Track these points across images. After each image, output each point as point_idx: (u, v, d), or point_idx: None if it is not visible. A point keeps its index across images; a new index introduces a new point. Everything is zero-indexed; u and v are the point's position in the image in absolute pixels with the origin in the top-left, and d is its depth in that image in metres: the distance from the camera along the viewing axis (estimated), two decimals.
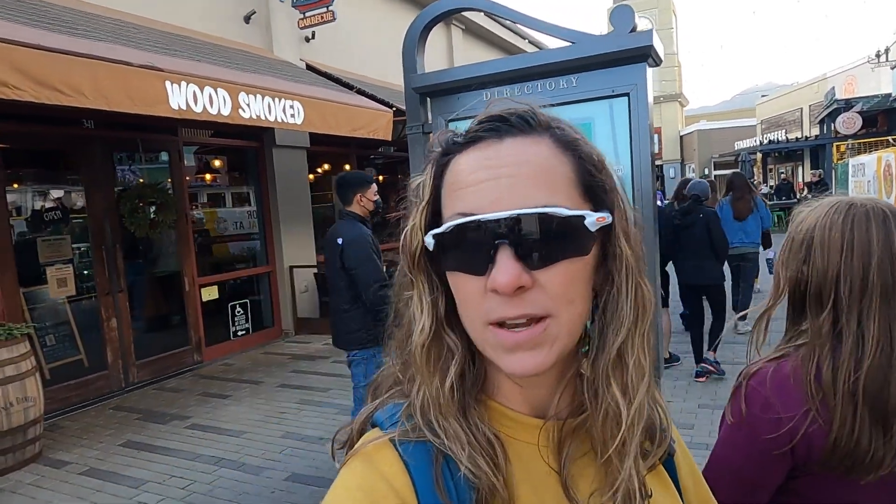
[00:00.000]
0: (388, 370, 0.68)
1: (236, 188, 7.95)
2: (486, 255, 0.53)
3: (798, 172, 24.86)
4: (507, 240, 0.52)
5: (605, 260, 0.59)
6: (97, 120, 5.65)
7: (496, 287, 0.52)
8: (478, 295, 0.54)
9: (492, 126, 0.57)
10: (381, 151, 10.11)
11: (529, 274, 0.53)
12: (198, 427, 4.77)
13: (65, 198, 5.78)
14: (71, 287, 5.52)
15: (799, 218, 1.17)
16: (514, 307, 0.53)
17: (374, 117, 6.59)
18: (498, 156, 0.55)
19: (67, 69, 3.69)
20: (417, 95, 2.23)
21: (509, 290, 0.52)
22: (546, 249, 0.53)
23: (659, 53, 1.90)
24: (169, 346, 6.45)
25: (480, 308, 0.54)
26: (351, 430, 0.64)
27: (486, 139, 0.57)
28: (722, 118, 37.03)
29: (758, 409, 1.08)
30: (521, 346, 0.54)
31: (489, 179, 0.54)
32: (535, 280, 0.53)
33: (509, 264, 0.52)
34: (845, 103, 18.07)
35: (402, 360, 0.63)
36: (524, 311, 0.53)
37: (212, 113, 4.64)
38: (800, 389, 1.04)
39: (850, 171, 12.43)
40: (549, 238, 0.53)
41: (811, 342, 1.07)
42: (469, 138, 0.58)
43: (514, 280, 0.51)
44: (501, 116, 0.58)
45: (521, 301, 0.53)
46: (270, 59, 7.22)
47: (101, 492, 3.74)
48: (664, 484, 0.68)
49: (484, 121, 0.58)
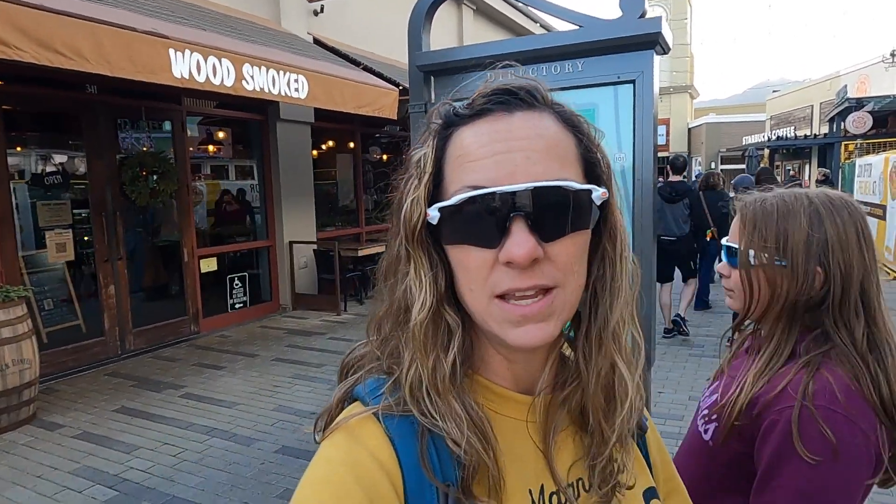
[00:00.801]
0: (360, 349, 0.67)
1: (239, 161, 7.92)
2: (500, 228, 0.53)
3: (805, 170, 24.70)
4: (523, 212, 0.52)
5: (600, 234, 0.60)
6: (100, 85, 5.61)
7: (512, 258, 0.52)
8: (485, 268, 0.54)
9: (501, 99, 0.57)
10: (387, 130, 10.04)
11: (542, 246, 0.53)
12: (191, 396, 4.81)
13: (66, 163, 5.76)
14: (70, 252, 5.53)
15: (764, 209, 1.06)
16: (527, 279, 0.53)
17: (380, 95, 6.53)
18: (510, 129, 0.55)
19: (70, 31, 3.64)
20: (421, 74, 2.20)
21: (526, 261, 0.52)
22: (559, 222, 0.54)
23: (668, 41, 1.87)
24: (166, 315, 6.48)
25: (487, 281, 0.54)
26: (330, 406, 0.63)
27: (494, 112, 0.57)
28: (732, 112, 36.72)
29: (846, 433, 0.89)
30: (530, 319, 0.54)
31: (503, 152, 0.54)
32: (546, 252, 0.54)
33: (525, 237, 0.52)
34: (857, 102, 17.88)
35: (382, 336, 0.63)
36: (535, 283, 0.53)
37: (215, 83, 4.59)
38: (866, 402, 0.92)
39: (857, 170, 12.35)
40: (561, 211, 0.54)
41: (853, 351, 0.96)
42: (477, 110, 0.57)
43: (530, 252, 0.52)
44: (510, 90, 0.57)
45: (532, 273, 0.53)
46: (277, 31, 7.13)
47: (93, 455, 3.78)
48: (636, 459, 0.70)
49: (491, 93, 0.57)
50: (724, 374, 1.18)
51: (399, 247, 0.59)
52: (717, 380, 1.21)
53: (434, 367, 0.57)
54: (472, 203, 0.53)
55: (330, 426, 0.58)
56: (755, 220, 1.07)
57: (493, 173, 0.54)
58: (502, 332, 0.55)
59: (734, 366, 1.17)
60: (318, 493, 0.52)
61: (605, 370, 0.60)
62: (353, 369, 0.66)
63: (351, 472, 0.53)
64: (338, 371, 0.68)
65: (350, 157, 9.59)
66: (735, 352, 1.22)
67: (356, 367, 0.66)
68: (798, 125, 25.71)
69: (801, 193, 1.07)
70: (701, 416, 1.16)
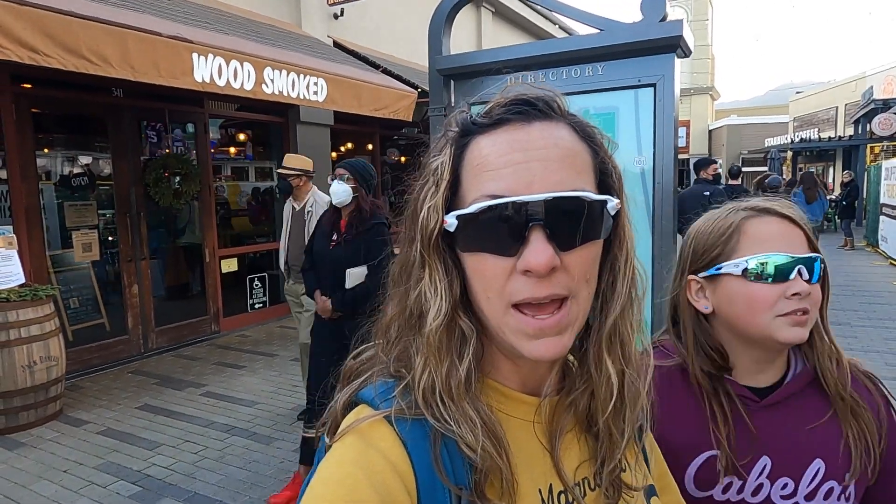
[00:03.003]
0: (365, 352, 0.67)
1: (260, 162, 8.01)
2: (518, 237, 0.54)
3: (829, 173, 24.26)
4: (542, 221, 0.53)
5: (611, 243, 0.61)
6: (126, 89, 5.72)
7: (531, 267, 0.53)
8: (502, 276, 0.55)
9: (519, 109, 0.58)
10: (405, 132, 10.09)
11: (559, 255, 0.54)
12: (212, 395, 4.88)
13: (92, 164, 5.88)
14: (95, 252, 5.64)
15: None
16: (543, 287, 0.54)
17: (398, 98, 6.56)
18: (529, 139, 0.56)
19: (96, 37, 3.72)
20: (441, 77, 2.22)
21: (545, 269, 0.53)
22: (575, 232, 0.55)
23: (689, 44, 1.86)
24: (188, 314, 6.58)
25: (504, 290, 0.55)
26: (334, 409, 0.63)
27: (513, 122, 0.58)
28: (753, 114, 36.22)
29: None
30: (546, 332, 0.55)
31: (522, 162, 0.55)
32: (562, 261, 0.55)
33: (543, 246, 0.53)
34: (883, 104, 17.52)
35: (390, 339, 0.63)
36: (551, 292, 0.54)
37: (235, 87, 4.66)
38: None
39: (883, 173, 12.10)
40: (578, 221, 0.55)
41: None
42: (494, 120, 0.58)
43: (549, 260, 0.53)
44: (528, 100, 0.58)
45: (549, 282, 0.54)
46: (298, 34, 7.21)
47: (117, 451, 3.86)
48: (636, 458, 0.71)
49: (509, 104, 0.58)
50: (756, 445, 0.97)
51: (414, 252, 0.60)
52: (748, 460, 0.97)
53: (448, 374, 0.57)
54: (491, 212, 0.54)
55: (341, 429, 0.58)
56: (812, 228, 0.99)
57: (511, 183, 0.54)
58: (518, 343, 0.56)
59: (758, 429, 0.98)
60: (331, 494, 0.52)
61: (615, 375, 0.60)
62: (357, 372, 0.66)
63: (364, 473, 0.53)
64: (341, 375, 0.68)
65: (369, 158, 9.65)
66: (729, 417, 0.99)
67: (360, 371, 0.66)
68: (822, 127, 25.26)
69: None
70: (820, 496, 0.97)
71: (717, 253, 1.00)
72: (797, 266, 0.91)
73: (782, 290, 0.92)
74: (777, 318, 0.93)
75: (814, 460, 0.96)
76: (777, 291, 0.92)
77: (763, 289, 0.93)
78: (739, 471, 0.97)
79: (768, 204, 0.98)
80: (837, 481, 0.95)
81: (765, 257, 0.93)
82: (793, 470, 0.97)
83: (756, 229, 0.96)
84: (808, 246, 0.95)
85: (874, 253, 12.42)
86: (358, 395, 0.61)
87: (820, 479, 0.96)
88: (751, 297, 0.95)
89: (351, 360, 0.68)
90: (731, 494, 0.98)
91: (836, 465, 0.96)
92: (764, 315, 0.94)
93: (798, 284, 0.91)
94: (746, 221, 0.98)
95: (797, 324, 0.92)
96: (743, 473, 0.98)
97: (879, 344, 5.95)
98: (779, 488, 0.97)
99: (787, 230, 0.95)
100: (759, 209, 0.98)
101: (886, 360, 5.41)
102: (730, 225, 0.99)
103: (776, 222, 0.96)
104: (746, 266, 0.94)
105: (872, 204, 13.22)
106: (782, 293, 0.92)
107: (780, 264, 0.92)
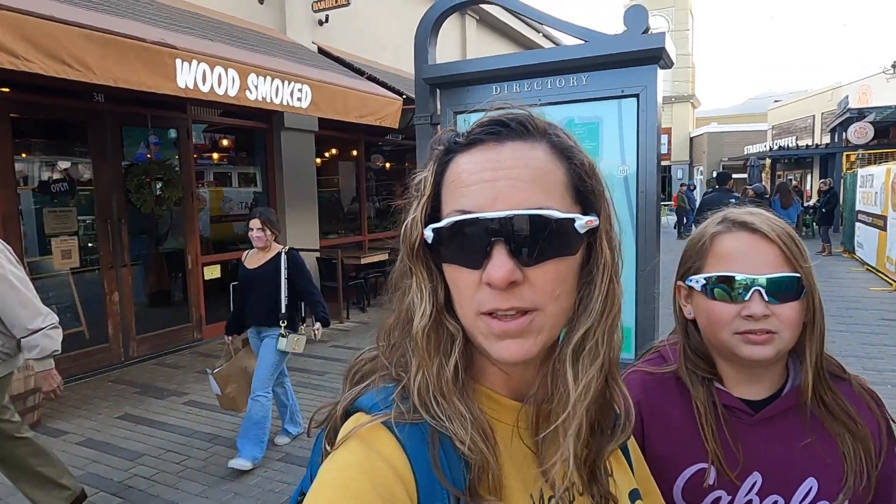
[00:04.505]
0: (366, 355, 0.70)
1: (243, 168, 7.96)
2: (482, 251, 0.57)
3: (807, 180, 24.72)
4: (503, 237, 0.56)
5: (589, 259, 0.63)
6: (107, 94, 5.66)
7: (490, 281, 0.56)
8: (472, 287, 0.58)
9: (492, 130, 0.61)
10: (390, 139, 10.09)
11: (521, 270, 0.57)
12: (195, 404, 4.82)
13: (72, 170, 5.80)
14: (75, 259, 5.56)
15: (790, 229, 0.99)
16: (505, 300, 0.57)
17: (383, 105, 6.57)
18: (499, 158, 0.59)
19: (78, 43, 3.68)
20: (428, 86, 2.23)
21: (503, 284, 0.55)
22: (537, 248, 0.57)
23: (671, 55, 1.90)
24: (169, 322, 6.50)
25: (474, 299, 0.58)
26: (333, 412, 0.65)
27: (486, 142, 0.61)
28: (733, 121, 36.81)
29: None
30: (509, 335, 0.57)
31: (489, 181, 0.58)
32: (525, 276, 0.57)
33: (503, 260, 0.56)
34: (858, 113, 17.93)
35: (391, 344, 0.66)
36: (513, 304, 0.57)
37: (218, 93, 4.64)
38: None
39: (859, 181, 12.38)
40: (540, 237, 0.57)
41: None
42: (470, 140, 0.62)
43: (507, 275, 0.55)
44: (502, 121, 0.61)
45: (511, 295, 0.57)
46: (283, 40, 7.20)
47: (97, 462, 3.79)
48: (620, 464, 0.74)
49: (485, 124, 0.62)
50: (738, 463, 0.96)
51: (403, 262, 0.64)
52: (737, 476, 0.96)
53: (438, 371, 0.60)
54: (459, 226, 0.58)
55: (341, 435, 0.60)
56: (795, 241, 0.94)
57: (479, 199, 0.58)
58: (487, 345, 0.59)
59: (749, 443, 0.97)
60: (336, 497, 0.53)
61: (581, 388, 0.60)
62: (359, 375, 0.68)
63: (367, 477, 0.54)
64: (343, 377, 0.70)
65: (353, 165, 9.63)
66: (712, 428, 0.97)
67: (363, 374, 0.68)
68: (799, 135, 25.75)
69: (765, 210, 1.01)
70: None
71: (690, 265, 1.01)
72: (754, 288, 0.90)
73: (738, 310, 0.91)
74: (735, 335, 0.93)
75: (806, 478, 0.95)
76: (734, 310, 0.92)
77: (720, 306, 0.93)
78: (729, 485, 0.96)
79: (745, 218, 0.95)
80: (829, 501, 0.93)
81: (724, 275, 0.93)
82: (784, 487, 0.95)
83: (722, 246, 0.95)
84: (785, 263, 0.91)
85: (851, 259, 12.68)
86: (356, 402, 0.63)
87: (812, 498, 0.94)
88: (710, 313, 0.95)
89: (353, 362, 0.70)
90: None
91: (829, 484, 0.94)
92: (723, 332, 0.94)
93: (753, 306, 0.90)
94: (716, 237, 0.97)
95: (754, 343, 0.91)
96: (732, 488, 0.96)
97: (857, 349, 6.07)
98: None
99: (755, 247, 0.92)
100: (735, 223, 0.96)
101: (864, 364, 5.52)
102: (702, 238, 1.00)
103: (746, 238, 0.94)
104: (705, 283, 0.95)
105: (849, 211, 13.51)
106: (738, 312, 0.91)
107: (737, 284, 0.91)
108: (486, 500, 0.57)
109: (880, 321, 7.18)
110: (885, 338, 6.43)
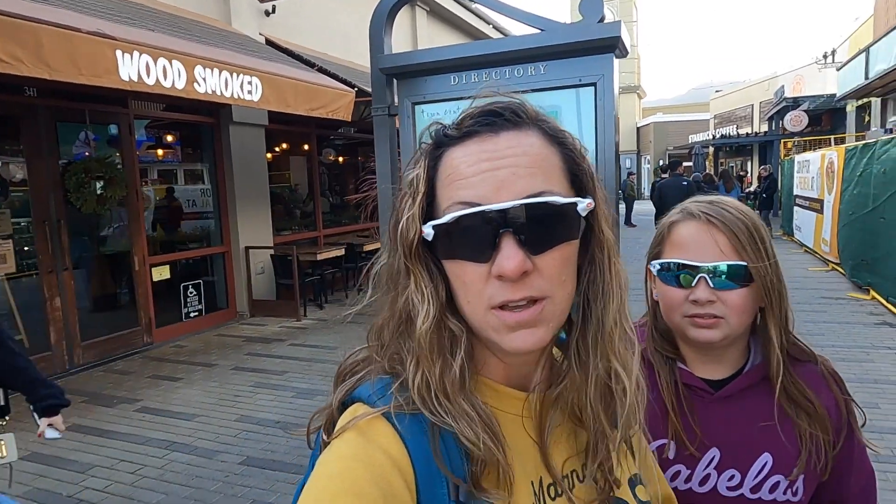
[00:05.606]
0: (357, 354, 0.69)
1: (190, 165, 7.69)
2: (490, 243, 0.56)
3: (748, 167, 25.77)
4: (511, 228, 0.56)
5: (589, 242, 0.63)
6: (40, 88, 5.35)
7: (502, 273, 0.55)
8: (480, 281, 0.57)
9: (487, 120, 0.60)
10: (342, 132, 9.94)
11: (531, 259, 0.56)
12: (148, 410, 4.64)
13: (3, 169, 5.47)
14: (11, 264, 5.25)
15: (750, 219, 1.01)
16: (517, 290, 0.56)
17: (335, 97, 6.45)
18: (496, 148, 0.59)
19: (6, 33, 3.45)
20: (384, 76, 2.19)
21: (516, 275, 0.55)
22: (545, 235, 0.57)
23: (626, 44, 1.92)
24: (117, 326, 6.23)
25: (483, 294, 0.57)
26: (330, 409, 0.63)
27: (481, 133, 0.60)
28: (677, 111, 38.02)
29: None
30: (522, 325, 0.57)
31: (490, 170, 0.58)
32: (534, 264, 0.57)
33: (514, 251, 0.55)
34: (793, 102, 18.80)
35: (382, 343, 0.65)
36: (525, 294, 0.56)
37: (165, 86, 4.44)
38: None
39: (796, 167, 12.97)
40: (547, 225, 0.57)
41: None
42: (465, 132, 0.61)
43: (520, 265, 0.55)
44: (495, 111, 0.61)
45: (522, 285, 0.56)
46: (228, 31, 6.96)
47: (44, 476, 3.60)
48: (625, 453, 0.74)
49: (478, 115, 0.61)
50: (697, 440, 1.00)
51: (398, 262, 0.62)
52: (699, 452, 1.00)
53: (442, 373, 0.59)
54: (463, 220, 0.57)
55: (338, 426, 0.59)
56: (750, 231, 0.97)
57: (481, 190, 0.57)
58: (499, 338, 0.58)
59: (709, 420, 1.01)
60: (333, 488, 0.52)
61: (602, 372, 0.63)
62: (351, 371, 0.67)
63: (365, 468, 0.53)
64: (334, 378, 0.68)
65: (305, 159, 9.44)
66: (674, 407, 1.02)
67: (353, 372, 0.67)
68: (740, 124, 26.83)
69: (731, 200, 1.05)
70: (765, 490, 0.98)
71: (654, 250, 1.06)
72: (699, 275, 0.95)
73: (686, 294, 0.97)
74: (684, 318, 0.99)
75: (762, 454, 0.99)
76: (683, 295, 0.98)
77: (672, 291, 1.00)
78: (689, 460, 1.00)
79: (700, 208, 1.00)
80: (784, 475, 0.98)
81: (675, 262, 0.99)
82: (740, 462, 0.99)
83: (677, 234, 1.01)
84: (733, 251, 0.95)
85: (790, 241, 13.28)
86: (354, 393, 0.62)
87: (766, 473, 0.98)
88: (664, 296, 1.02)
89: (344, 361, 0.69)
90: (678, 483, 1.01)
91: (784, 460, 0.98)
92: (675, 314, 1.00)
93: (699, 292, 0.95)
94: (673, 225, 1.03)
95: (700, 326, 0.97)
96: (692, 462, 1.00)
97: (800, 326, 6.25)
98: (725, 479, 0.99)
99: (706, 236, 0.97)
100: (690, 213, 1.01)
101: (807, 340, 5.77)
102: (664, 226, 1.06)
103: (696, 227, 0.99)
104: (660, 268, 1.02)
105: (787, 196, 14.13)
106: (686, 297, 0.97)
107: (684, 271, 0.97)
108: (487, 491, 0.57)
109: (820, 299, 7.56)
110: (824, 315, 6.77)
